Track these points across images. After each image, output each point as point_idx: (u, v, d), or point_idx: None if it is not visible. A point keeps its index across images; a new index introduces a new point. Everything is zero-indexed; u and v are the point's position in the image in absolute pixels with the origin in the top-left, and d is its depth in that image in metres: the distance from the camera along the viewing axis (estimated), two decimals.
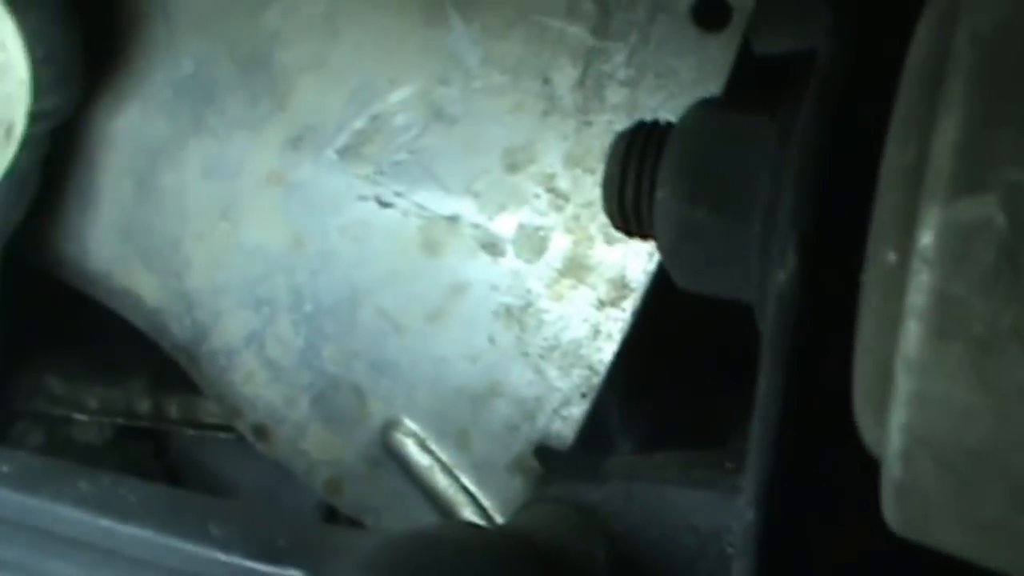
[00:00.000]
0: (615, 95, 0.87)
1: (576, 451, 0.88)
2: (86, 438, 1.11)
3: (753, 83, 0.83)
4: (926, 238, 0.40)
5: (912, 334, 0.40)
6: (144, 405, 1.07)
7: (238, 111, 0.96)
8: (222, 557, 0.63)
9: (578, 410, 0.89)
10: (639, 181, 0.64)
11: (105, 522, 0.64)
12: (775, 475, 0.51)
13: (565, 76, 0.88)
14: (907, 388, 0.41)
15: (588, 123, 0.88)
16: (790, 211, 0.52)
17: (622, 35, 0.87)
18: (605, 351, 0.88)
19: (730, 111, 0.61)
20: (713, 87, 0.83)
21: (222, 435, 1.06)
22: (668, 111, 0.84)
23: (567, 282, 0.89)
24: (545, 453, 0.90)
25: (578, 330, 0.89)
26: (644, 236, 0.68)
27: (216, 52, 0.97)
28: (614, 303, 0.87)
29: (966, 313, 0.39)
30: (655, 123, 0.68)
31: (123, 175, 1.00)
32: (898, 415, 0.41)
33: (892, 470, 0.43)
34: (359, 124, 0.93)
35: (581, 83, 0.88)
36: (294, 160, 0.95)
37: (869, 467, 0.45)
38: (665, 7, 0.86)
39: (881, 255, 0.44)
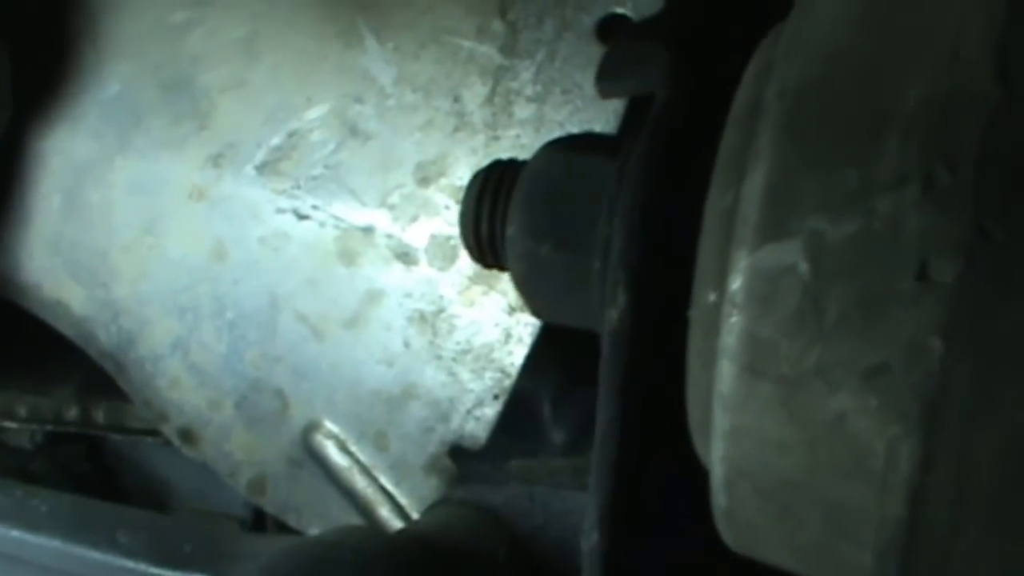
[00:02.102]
0: (523, 111, 0.80)
1: (482, 454, 0.82)
2: (18, 443, 1.03)
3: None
4: (735, 282, 0.39)
5: (725, 372, 0.39)
6: (72, 411, 0.99)
7: (162, 131, 0.89)
8: (129, 564, 0.57)
9: (491, 411, 0.83)
10: (492, 217, 0.60)
11: (16, 532, 0.57)
12: (615, 498, 0.49)
13: (475, 93, 0.81)
14: (723, 423, 0.40)
15: (497, 138, 0.81)
16: (619, 250, 0.50)
17: (529, 53, 0.81)
18: (516, 354, 0.81)
19: (576, 151, 0.58)
20: (616, 102, 0.77)
21: (149, 439, 0.98)
22: (574, 125, 0.78)
23: (478, 289, 0.82)
24: (459, 454, 0.83)
25: (490, 334, 0.82)
26: (500, 268, 0.64)
27: (141, 75, 0.90)
28: (524, 308, 0.80)
29: (774, 353, 0.38)
30: (510, 162, 0.63)
31: (52, 192, 0.93)
32: (717, 448, 0.40)
33: (718, 498, 0.42)
34: (277, 141, 0.86)
35: (490, 100, 0.81)
36: (215, 176, 0.87)
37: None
38: (570, 25, 0.80)
39: (702, 295, 0.42)
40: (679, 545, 0.50)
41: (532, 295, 0.59)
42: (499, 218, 0.59)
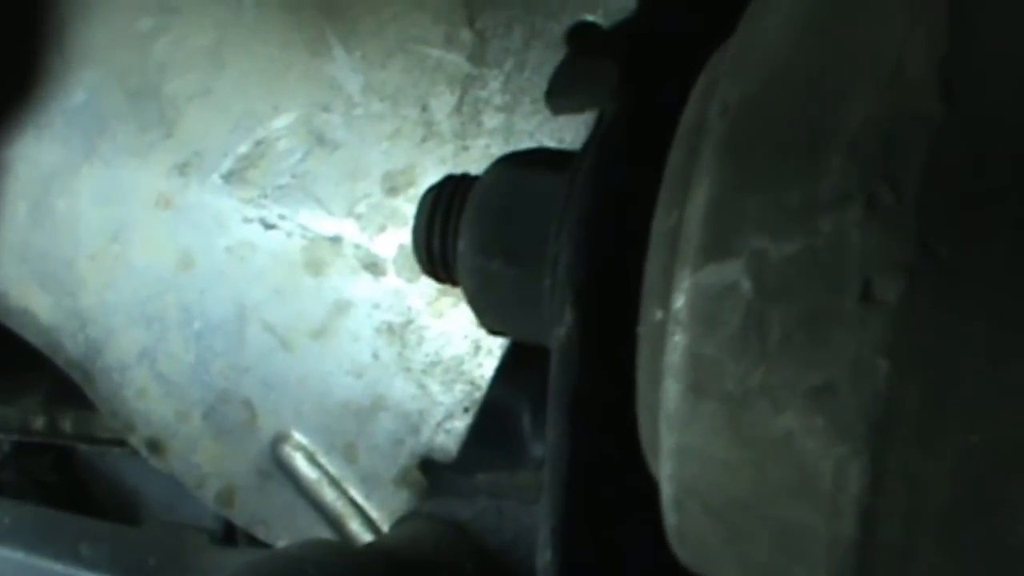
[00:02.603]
0: (491, 120, 0.80)
1: (454, 467, 0.81)
2: None
3: None
4: (679, 301, 0.38)
5: (670, 391, 0.39)
6: (39, 421, 0.99)
7: (128, 139, 0.88)
8: None
9: (461, 424, 0.82)
10: (444, 233, 0.60)
11: None
12: (567, 516, 0.49)
13: (443, 103, 0.81)
14: (670, 441, 0.39)
15: (465, 148, 0.80)
16: (566, 268, 0.50)
17: (498, 62, 0.80)
18: (486, 366, 0.81)
19: (526, 167, 0.58)
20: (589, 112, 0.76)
21: (116, 450, 0.97)
22: (544, 135, 0.78)
23: (447, 300, 0.82)
24: (428, 467, 0.83)
25: (459, 346, 0.81)
26: (453, 283, 0.64)
27: (107, 83, 0.89)
28: None
29: (718, 372, 0.37)
30: (462, 177, 0.63)
31: (18, 200, 0.92)
32: (666, 466, 0.40)
33: (668, 516, 0.41)
34: (244, 149, 0.85)
35: (458, 109, 0.81)
36: (181, 185, 0.87)
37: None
38: (540, 34, 0.80)
39: (649, 313, 0.42)
40: (634, 561, 0.49)
41: (484, 310, 0.59)
42: (451, 233, 0.58)
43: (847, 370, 0.35)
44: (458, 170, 0.80)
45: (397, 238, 0.82)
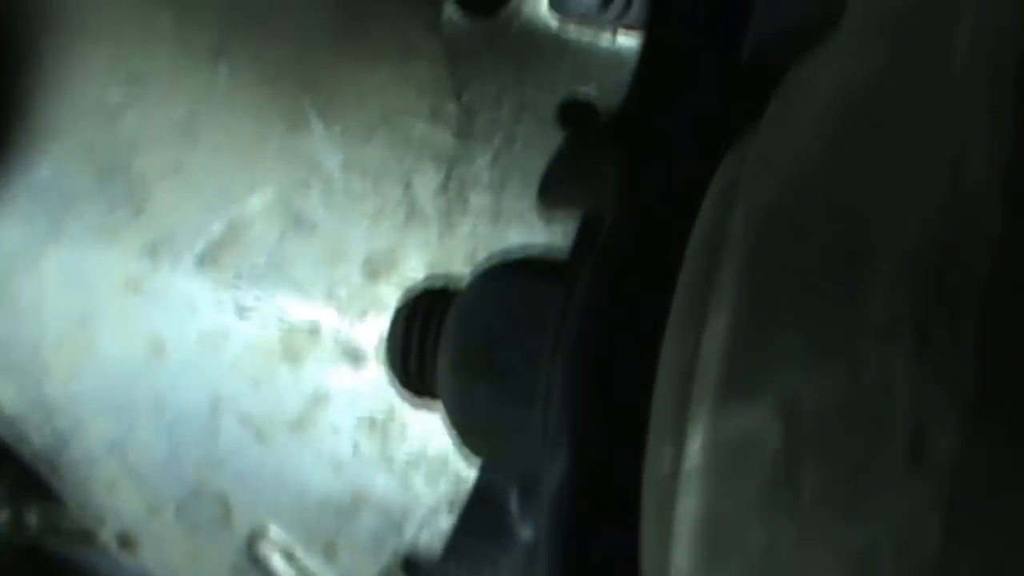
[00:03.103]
0: (479, 200, 0.75)
1: (441, 565, 0.76)
2: None
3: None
4: (694, 448, 0.33)
5: (682, 554, 0.33)
6: (3, 515, 0.94)
7: (96, 218, 0.83)
8: None
9: (446, 521, 0.77)
10: (422, 352, 0.56)
11: None
12: None
13: (428, 181, 0.76)
14: None
15: (451, 229, 0.76)
16: (560, 404, 0.44)
17: (486, 137, 0.75)
18: (472, 462, 0.75)
19: (512, 280, 0.52)
20: None
21: (85, 545, 0.92)
22: (534, 217, 0.73)
23: None
24: (412, 566, 0.77)
25: (444, 440, 0.76)
26: (433, 397, 0.59)
27: (74, 158, 0.84)
28: None
29: (740, 534, 0.31)
30: (441, 291, 0.59)
31: None
32: None
33: None
34: (217, 230, 0.80)
35: (444, 188, 0.76)
36: (152, 267, 0.82)
37: None
38: (530, 107, 0.75)
39: (657, 462, 0.37)
40: None
41: (466, 434, 0.54)
42: (429, 352, 0.53)
43: (892, 536, 0.29)
44: (443, 253, 0.75)
45: (379, 325, 0.77)
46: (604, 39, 0.75)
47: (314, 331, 0.79)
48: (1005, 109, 0.31)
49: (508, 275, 0.52)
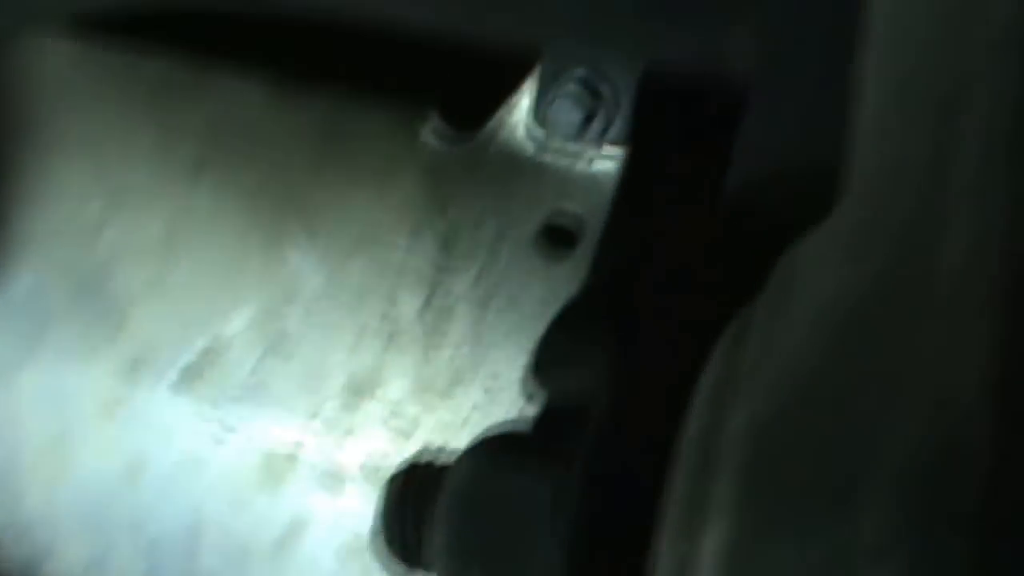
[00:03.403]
0: (459, 322, 0.75)
1: None
2: None
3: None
4: None
5: None
6: None
7: (73, 336, 0.83)
8: None
9: None
10: (417, 528, 0.54)
11: None
12: None
13: (410, 300, 0.76)
14: None
15: (434, 350, 0.75)
16: None
17: (466, 260, 0.75)
18: None
19: (504, 463, 0.51)
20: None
21: None
22: (513, 340, 0.73)
23: None
24: None
25: None
26: (428, 572, 0.57)
27: (51, 275, 0.83)
28: None
29: None
30: (428, 466, 0.58)
31: None
32: None
33: None
34: (196, 350, 0.79)
35: (427, 307, 0.75)
36: (130, 388, 0.81)
37: None
38: (512, 228, 0.75)
39: None
40: None
41: None
42: (425, 529, 0.52)
43: None
44: (426, 373, 0.74)
45: (360, 449, 0.76)
46: (583, 160, 0.75)
47: (294, 454, 0.78)
48: (994, 327, 0.31)
49: (497, 456, 0.51)
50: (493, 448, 0.52)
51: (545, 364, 0.49)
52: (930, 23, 0.35)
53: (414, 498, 0.54)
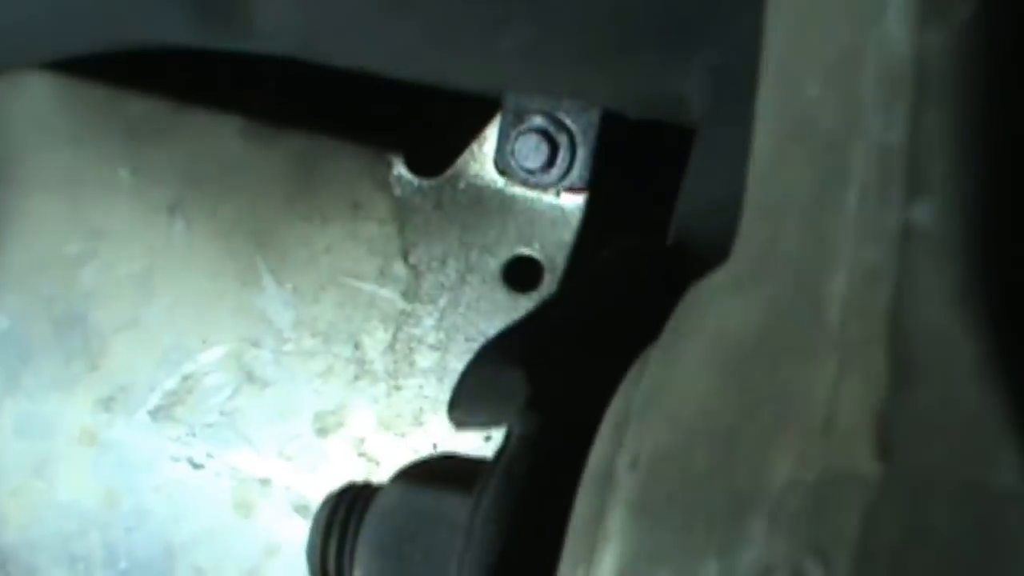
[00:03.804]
0: (425, 359, 0.76)
1: None
2: None
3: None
4: None
5: None
6: None
7: (52, 370, 0.84)
8: None
9: None
10: (340, 555, 0.55)
11: None
12: None
13: (376, 340, 0.78)
14: None
15: (398, 387, 0.77)
16: None
17: (432, 298, 0.77)
18: None
19: (426, 488, 0.52)
20: None
21: None
22: None
23: None
24: None
25: None
26: None
27: (32, 310, 0.85)
28: None
29: None
30: (363, 488, 0.58)
31: None
32: None
33: None
34: (171, 384, 0.81)
35: (391, 347, 0.77)
36: (107, 420, 0.83)
37: None
38: (475, 269, 0.77)
39: None
40: None
41: None
42: (347, 556, 0.54)
43: None
44: (390, 411, 0.76)
45: (327, 481, 0.78)
46: (548, 198, 0.77)
47: (265, 485, 0.80)
48: (878, 351, 0.33)
49: (423, 480, 0.53)
50: (419, 473, 0.53)
51: (461, 400, 0.51)
52: (818, 62, 0.37)
53: (341, 528, 0.55)
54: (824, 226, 0.36)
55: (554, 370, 0.47)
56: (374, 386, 0.78)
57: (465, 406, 0.49)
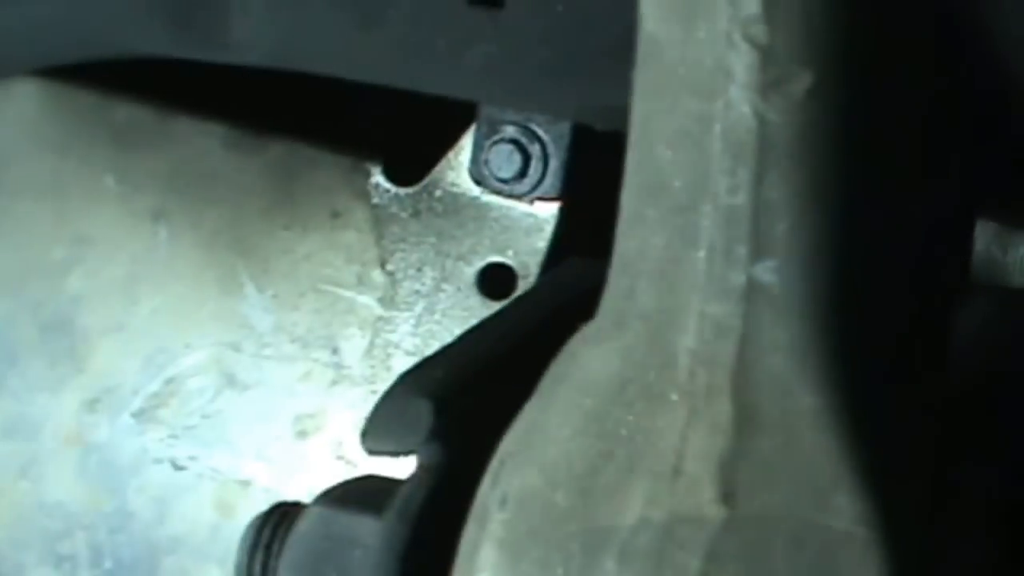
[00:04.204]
0: (401, 364, 0.79)
1: None
2: None
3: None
4: None
5: None
6: None
7: (38, 372, 0.86)
8: None
9: None
10: (264, 567, 0.56)
11: None
12: None
13: (353, 345, 0.80)
14: None
15: (375, 392, 0.79)
16: None
17: (409, 305, 0.79)
18: None
19: (342, 510, 0.53)
20: None
21: None
22: None
23: None
24: None
25: None
26: None
27: (19, 313, 0.87)
28: None
29: None
30: (291, 506, 0.59)
31: None
32: None
33: None
34: (154, 387, 0.83)
35: (369, 352, 0.79)
36: (92, 422, 0.85)
37: None
38: (450, 276, 0.79)
39: None
40: None
41: None
42: (271, 571, 0.56)
43: None
44: (368, 414, 0.78)
45: (306, 483, 0.80)
46: (522, 207, 0.79)
47: (246, 487, 0.82)
48: (723, 403, 0.36)
49: (339, 502, 0.54)
50: (337, 495, 0.55)
51: (370, 431, 0.53)
52: (671, 127, 0.39)
53: (265, 547, 0.57)
54: (675, 282, 0.38)
55: (464, 402, 0.49)
56: (352, 390, 0.80)
57: (374, 435, 0.51)
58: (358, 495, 0.54)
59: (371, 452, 0.52)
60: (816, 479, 0.34)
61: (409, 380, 0.50)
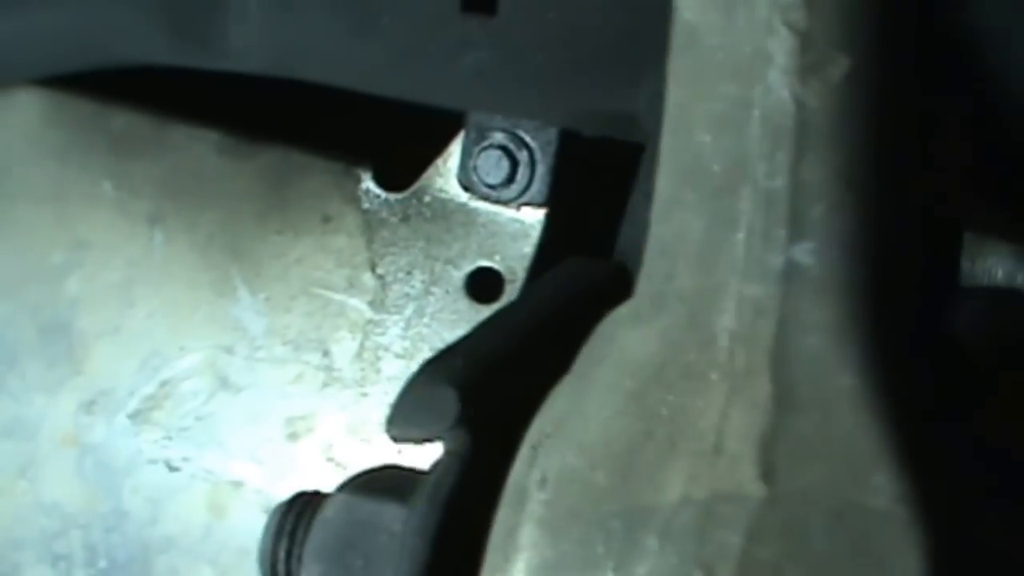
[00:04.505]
0: (391, 367, 0.80)
1: None
2: None
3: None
4: None
5: None
6: None
7: (37, 374, 0.88)
8: None
9: None
10: (288, 560, 0.57)
11: None
12: None
13: (344, 348, 0.81)
14: None
15: (365, 394, 0.80)
16: None
17: (398, 308, 0.80)
18: None
19: (367, 497, 0.54)
20: None
21: None
22: None
23: None
24: None
25: None
26: None
27: (18, 316, 0.89)
28: None
29: None
30: (313, 496, 0.60)
31: None
32: None
33: None
34: (149, 389, 0.85)
35: (359, 355, 0.80)
36: (88, 423, 0.86)
37: None
38: (439, 280, 0.80)
39: None
40: None
41: None
42: (295, 561, 0.57)
43: None
44: (357, 417, 0.80)
45: (297, 485, 0.80)
46: (510, 212, 0.80)
47: (238, 488, 0.83)
48: (762, 382, 0.37)
49: (365, 490, 0.55)
50: (362, 483, 0.56)
51: (395, 419, 0.53)
52: (710, 112, 0.40)
53: (289, 535, 0.58)
54: (714, 264, 0.39)
55: (487, 389, 0.50)
56: (342, 393, 0.81)
57: (400, 423, 0.52)
58: (382, 483, 0.55)
59: (396, 440, 0.53)
60: (854, 458, 0.35)
61: (432, 369, 0.51)
